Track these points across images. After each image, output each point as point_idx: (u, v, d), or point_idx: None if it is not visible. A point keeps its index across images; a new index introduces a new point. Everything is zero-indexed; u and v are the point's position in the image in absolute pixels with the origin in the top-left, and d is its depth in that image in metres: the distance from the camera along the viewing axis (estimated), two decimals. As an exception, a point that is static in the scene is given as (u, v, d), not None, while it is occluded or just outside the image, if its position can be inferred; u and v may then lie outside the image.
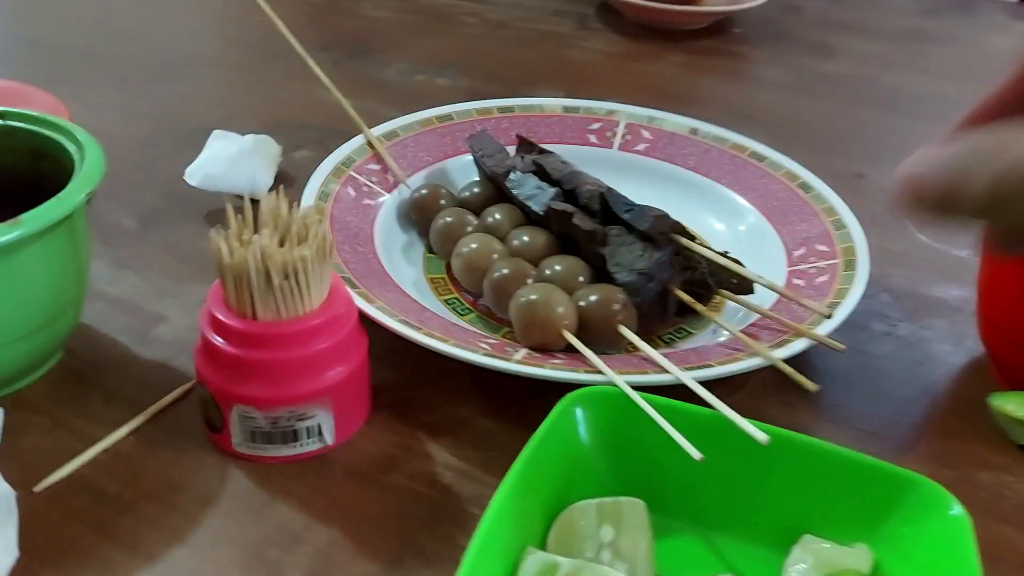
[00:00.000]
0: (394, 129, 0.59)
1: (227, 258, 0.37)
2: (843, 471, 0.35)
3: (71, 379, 0.44)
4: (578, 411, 0.37)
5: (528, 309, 0.44)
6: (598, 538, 0.35)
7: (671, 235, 0.46)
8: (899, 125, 0.74)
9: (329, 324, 0.39)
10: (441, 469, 0.40)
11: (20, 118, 0.45)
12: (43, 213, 0.38)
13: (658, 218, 0.46)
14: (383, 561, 0.36)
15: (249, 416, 0.39)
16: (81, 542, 0.36)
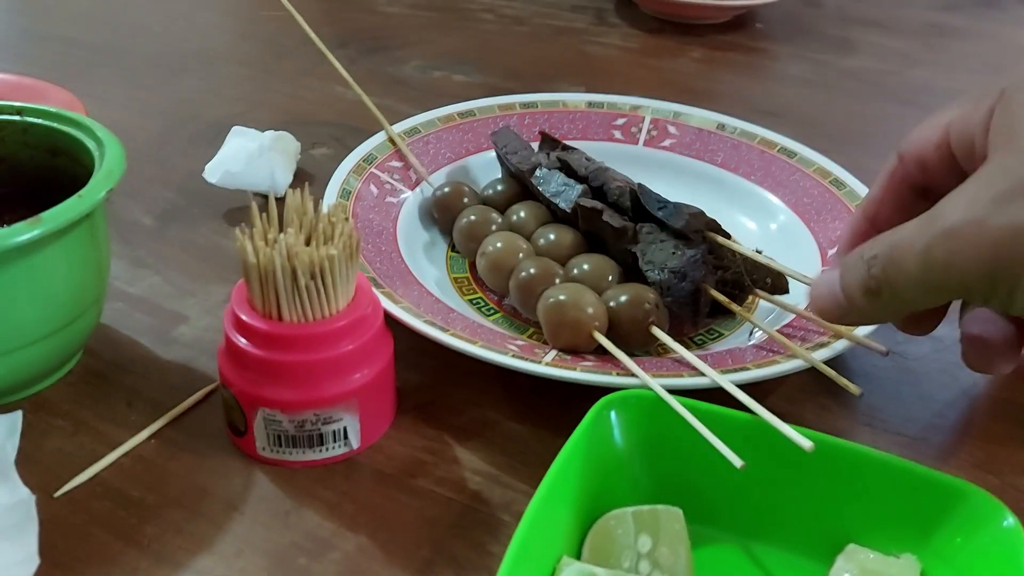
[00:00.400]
0: (415, 126, 0.58)
1: (252, 258, 0.36)
2: (890, 479, 0.34)
3: (92, 381, 0.43)
4: (613, 415, 0.36)
5: (557, 310, 0.43)
6: (635, 548, 0.34)
7: (706, 233, 0.45)
8: (924, 120, 0.72)
9: (356, 325, 0.38)
10: (470, 474, 0.39)
11: (38, 114, 0.44)
12: (64, 211, 0.37)
13: (694, 216, 0.45)
14: (414, 568, 0.35)
15: (274, 419, 0.38)
16: (105, 549, 0.35)
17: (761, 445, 0.35)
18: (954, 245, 0.30)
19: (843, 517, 0.35)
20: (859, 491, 0.34)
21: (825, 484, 0.35)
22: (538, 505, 0.32)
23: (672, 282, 0.43)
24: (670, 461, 0.36)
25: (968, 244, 0.29)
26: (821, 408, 0.43)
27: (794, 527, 0.35)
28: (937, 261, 0.30)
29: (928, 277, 0.31)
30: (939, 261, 0.30)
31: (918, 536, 0.34)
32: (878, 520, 0.34)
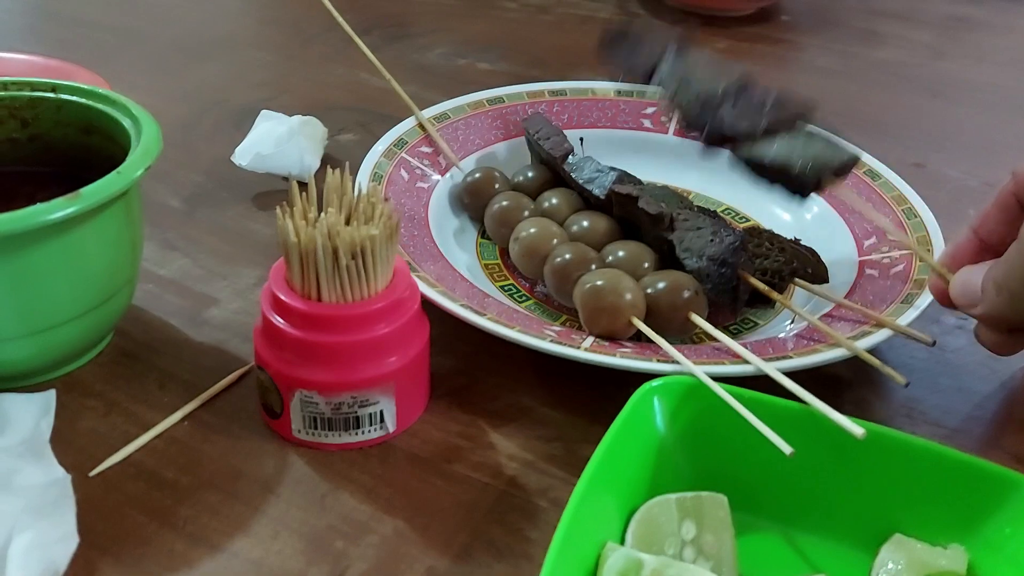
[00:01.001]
0: (444, 112, 0.57)
1: (293, 237, 0.36)
2: (937, 468, 0.34)
3: (124, 361, 0.43)
4: (655, 401, 0.36)
5: (595, 295, 0.42)
6: (679, 534, 0.33)
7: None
8: (954, 114, 0.72)
9: (394, 307, 0.38)
10: (505, 460, 0.39)
11: (72, 91, 0.44)
12: (102, 188, 0.37)
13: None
14: (452, 554, 0.35)
15: (311, 401, 0.37)
16: (141, 530, 0.35)
17: (806, 433, 0.34)
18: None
19: (889, 507, 0.34)
20: (906, 480, 0.34)
21: (871, 473, 0.34)
22: (583, 491, 0.32)
23: (711, 269, 0.43)
24: (712, 448, 0.36)
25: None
26: (859, 399, 0.43)
27: (839, 516, 0.35)
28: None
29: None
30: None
31: (966, 526, 0.33)
32: (925, 510, 0.34)
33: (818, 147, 0.44)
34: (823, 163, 0.43)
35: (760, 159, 0.44)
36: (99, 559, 0.34)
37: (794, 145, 0.44)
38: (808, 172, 0.43)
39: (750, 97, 0.46)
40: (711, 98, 0.46)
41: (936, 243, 0.46)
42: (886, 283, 0.45)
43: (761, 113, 0.45)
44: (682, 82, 0.47)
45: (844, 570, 0.34)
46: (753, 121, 0.45)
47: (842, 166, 0.43)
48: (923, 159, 0.64)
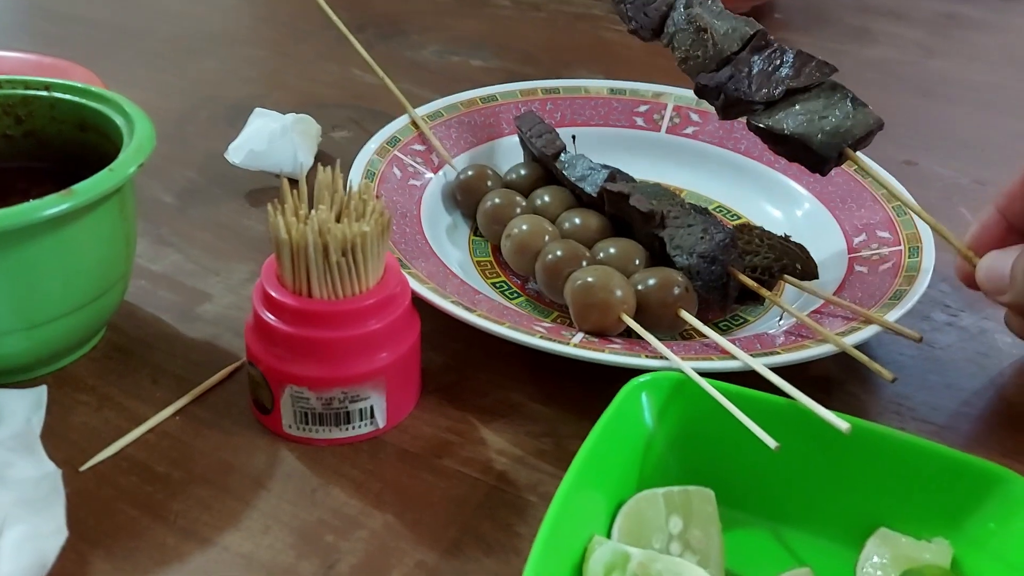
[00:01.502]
0: (438, 110, 0.57)
1: (284, 234, 0.36)
2: (923, 464, 0.34)
3: (117, 356, 0.43)
4: (643, 397, 0.36)
5: (585, 292, 0.42)
6: (667, 529, 0.34)
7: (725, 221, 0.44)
8: (945, 112, 0.72)
9: (385, 303, 0.38)
10: (495, 455, 0.39)
11: (66, 89, 0.44)
12: (95, 184, 0.37)
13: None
14: (442, 548, 0.35)
15: (302, 397, 0.38)
16: (133, 524, 0.35)
17: (792, 429, 0.35)
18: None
19: (875, 501, 0.35)
20: (891, 476, 0.34)
21: (857, 468, 0.35)
22: (569, 485, 0.32)
23: (701, 267, 0.43)
24: (700, 444, 0.36)
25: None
26: (848, 396, 0.43)
27: (825, 511, 0.35)
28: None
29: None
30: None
31: (951, 521, 0.34)
32: (910, 505, 0.34)
33: (837, 114, 0.42)
34: (843, 133, 0.41)
35: (779, 131, 0.43)
36: (90, 552, 0.34)
37: (812, 113, 0.42)
38: (827, 146, 0.41)
39: (766, 57, 0.45)
40: (725, 59, 0.44)
41: (925, 240, 0.47)
42: (875, 280, 0.45)
43: (778, 76, 0.44)
44: (694, 40, 0.45)
45: (830, 564, 0.34)
46: (770, 87, 0.43)
47: (866, 134, 0.42)
48: (914, 157, 0.64)
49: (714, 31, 0.46)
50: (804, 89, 0.44)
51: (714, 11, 0.47)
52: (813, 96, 0.44)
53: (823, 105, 0.43)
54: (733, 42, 0.45)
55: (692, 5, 0.47)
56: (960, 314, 0.49)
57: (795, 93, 0.44)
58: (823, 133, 0.42)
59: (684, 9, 0.47)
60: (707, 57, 0.45)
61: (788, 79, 0.44)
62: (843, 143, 0.42)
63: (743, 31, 0.46)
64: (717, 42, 0.45)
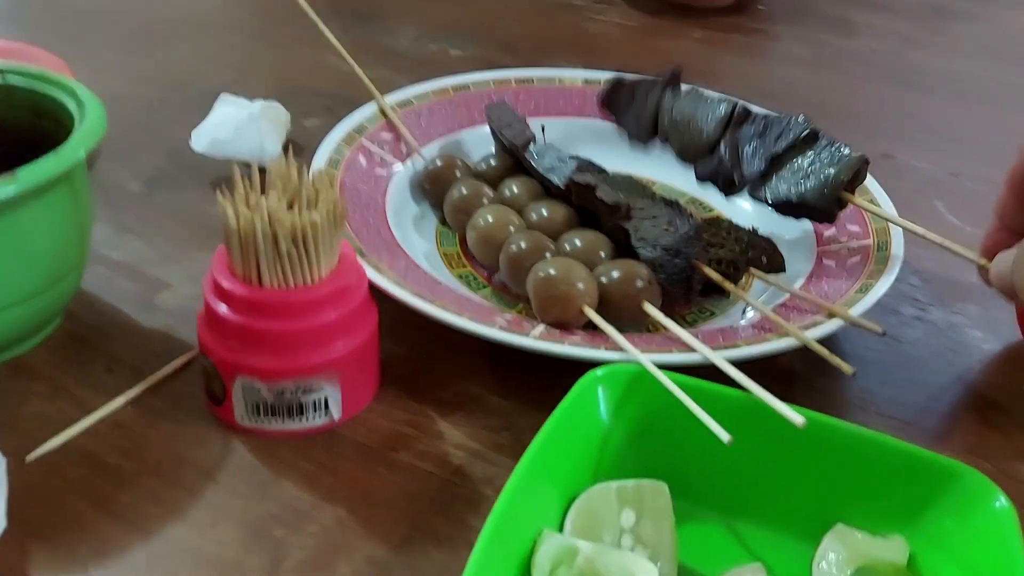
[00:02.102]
0: (408, 98, 0.56)
1: (233, 221, 0.35)
2: (879, 458, 0.33)
3: (72, 345, 0.43)
4: (599, 390, 0.36)
5: (547, 284, 0.42)
6: (618, 522, 0.33)
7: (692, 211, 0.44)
8: (924, 104, 0.72)
9: (338, 294, 0.37)
10: (452, 448, 0.39)
11: (21, 75, 0.43)
12: (40, 169, 0.36)
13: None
14: (393, 543, 0.34)
15: (253, 388, 0.37)
16: (79, 516, 0.35)
17: (749, 422, 0.34)
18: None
19: (831, 497, 0.34)
20: (848, 470, 0.34)
21: (813, 463, 0.34)
22: (519, 478, 0.32)
23: (664, 259, 0.42)
24: (656, 437, 0.36)
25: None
26: (812, 390, 0.43)
27: (781, 506, 0.34)
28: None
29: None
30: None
31: (908, 517, 0.33)
32: (867, 500, 0.34)
33: (823, 164, 0.45)
34: (835, 183, 0.44)
35: (781, 200, 0.45)
36: (31, 544, 0.33)
37: (801, 171, 0.45)
38: (826, 200, 0.44)
39: (749, 130, 0.47)
40: (714, 142, 0.47)
41: (895, 234, 0.46)
42: (843, 273, 0.45)
43: (764, 144, 0.46)
44: (684, 132, 0.48)
45: (785, 560, 0.34)
46: (756, 160, 0.46)
47: (855, 175, 0.44)
48: (891, 150, 0.64)
49: (697, 121, 0.48)
50: (788, 149, 0.46)
51: (694, 100, 0.50)
52: (797, 152, 0.46)
53: (809, 160, 0.45)
54: (717, 125, 0.48)
55: (676, 99, 0.50)
56: (929, 308, 0.48)
57: (780, 156, 0.46)
58: (817, 188, 0.44)
59: (668, 109, 0.50)
60: (699, 145, 0.48)
61: (771, 145, 0.46)
62: (837, 191, 0.44)
63: (723, 112, 0.48)
64: (703, 129, 0.48)
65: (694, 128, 0.48)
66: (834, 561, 0.33)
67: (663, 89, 0.51)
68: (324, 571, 0.33)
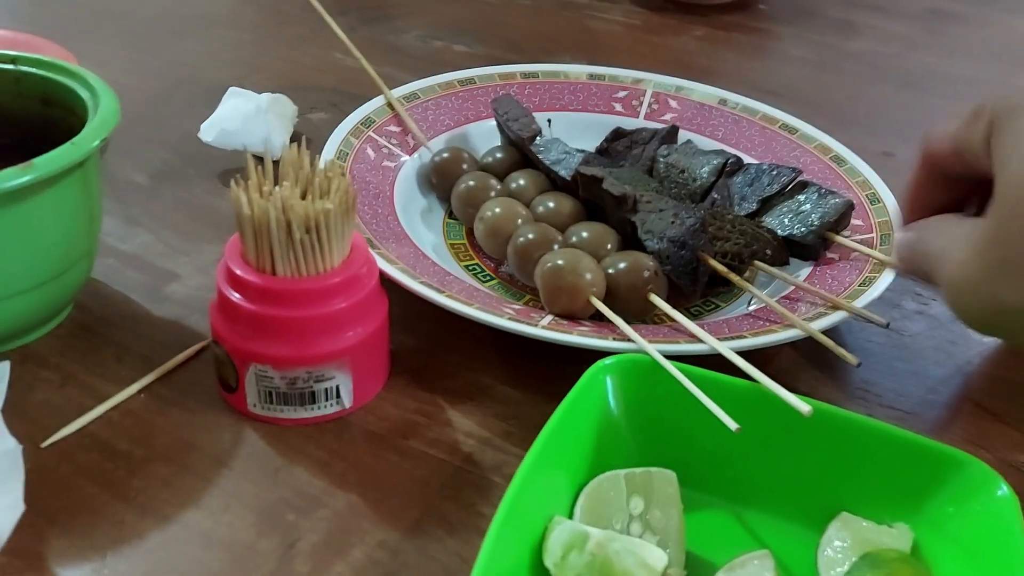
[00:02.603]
0: (415, 91, 0.57)
1: (247, 209, 0.36)
2: (884, 448, 0.34)
3: (82, 334, 0.43)
4: (608, 379, 0.36)
5: (555, 275, 0.42)
6: (627, 510, 0.34)
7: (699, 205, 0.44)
8: (925, 105, 0.72)
9: (350, 282, 0.38)
10: (462, 436, 0.39)
11: (32, 63, 0.43)
12: (56, 158, 0.36)
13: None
14: (404, 528, 0.35)
15: (266, 376, 0.37)
16: (92, 501, 0.35)
17: (755, 412, 0.35)
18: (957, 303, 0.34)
19: (836, 485, 0.35)
20: (853, 460, 0.34)
21: (819, 452, 0.35)
22: (530, 465, 0.32)
23: (671, 251, 0.43)
24: (664, 427, 0.36)
25: (966, 303, 0.34)
26: (815, 381, 0.43)
27: (787, 495, 0.35)
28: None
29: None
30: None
31: (911, 505, 0.34)
32: (871, 489, 0.34)
33: (811, 207, 0.47)
34: (822, 224, 0.46)
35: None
36: (47, 528, 0.34)
37: (789, 213, 0.47)
38: (813, 238, 0.46)
39: (740, 178, 0.50)
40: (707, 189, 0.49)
41: (897, 228, 0.47)
42: (846, 266, 0.45)
43: (755, 189, 0.49)
44: (679, 181, 0.50)
45: (791, 547, 0.34)
46: (751, 203, 0.49)
47: (840, 217, 0.47)
48: (892, 148, 0.64)
49: (691, 169, 0.50)
50: (778, 194, 0.49)
51: (687, 153, 0.52)
52: (787, 197, 0.49)
53: (798, 204, 0.48)
54: (711, 173, 0.50)
55: (671, 150, 0.52)
56: (931, 302, 0.49)
57: (771, 199, 0.49)
58: (805, 228, 0.46)
59: (663, 160, 0.52)
60: (692, 190, 0.50)
61: (763, 190, 0.49)
62: (823, 231, 0.46)
63: (716, 163, 0.50)
64: (696, 177, 0.50)
65: (688, 175, 0.51)
66: (840, 548, 0.33)
67: (660, 140, 0.53)
68: (337, 554, 0.34)
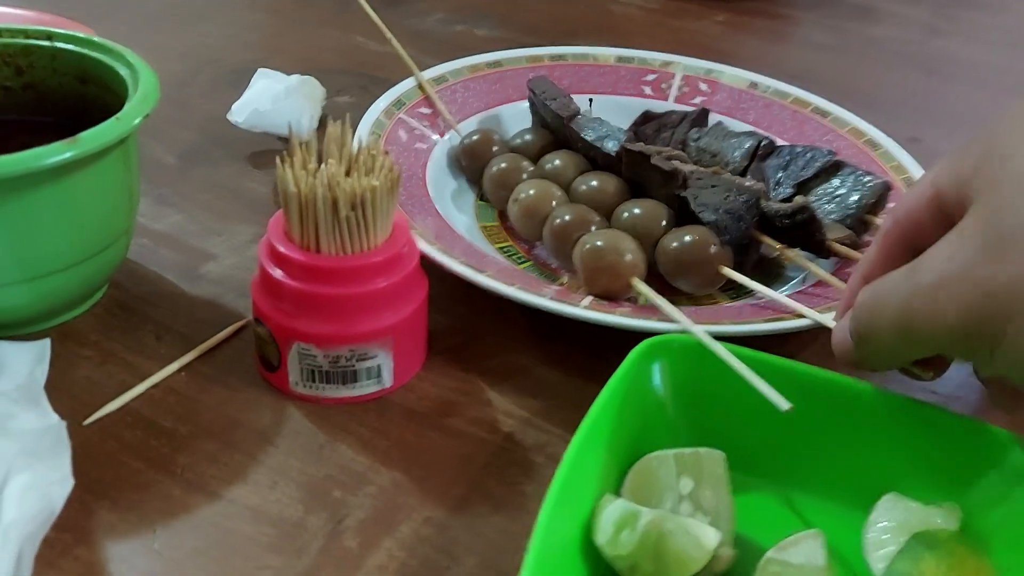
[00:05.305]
0: (443, 74, 0.57)
1: (293, 187, 0.35)
2: (932, 428, 0.34)
3: (120, 313, 0.43)
4: (654, 359, 0.36)
5: (595, 255, 0.42)
6: (677, 489, 0.33)
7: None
8: (948, 91, 0.72)
9: (393, 261, 0.37)
10: (502, 416, 0.39)
11: (68, 39, 0.43)
12: (101, 133, 0.36)
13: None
14: (450, 505, 0.35)
15: (309, 354, 0.37)
16: (138, 477, 0.35)
17: (802, 393, 0.34)
18: (931, 299, 0.30)
19: (884, 466, 0.34)
20: (901, 440, 0.34)
21: (866, 432, 0.35)
22: (580, 444, 0.32)
23: (728, 222, 0.43)
24: (709, 408, 0.36)
25: (947, 298, 0.29)
26: (853, 364, 0.43)
27: (834, 475, 0.35)
28: (916, 313, 0.30)
29: (906, 329, 0.31)
30: (918, 313, 0.30)
31: (959, 486, 0.33)
32: (919, 469, 0.34)
33: (851, 190, 0.47)
34: (861, 205, 0.46)
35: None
36: (95, 503, 0.34)
37: (828, 196, 0.47)
38: (851, 221, 0.45)
39: (775, 160, 0.50)
40: (742, 172, 0.49)
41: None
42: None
43: (792, 176, 0.48)
44: (711, 163, 0.50)
45: (838, 528, 0.34)
46: (787, 187, 0.48)
47: (879, 199, 0.46)
48: (918, 134, 0.64)
49: (723, 153, 0.50)
50: (815, 176, 0.48)
51: (720, 134, 0.52)
52: (823, 180, 0.48)
53: (834, 187, 0.47)
54: (743, 156, 0.50)
55: (702, 133, 0.52)
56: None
57: (807, 182, 0.48)
58: (842, 211, 0.46)
59: (693, 143, 0.52)
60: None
61: (798, 173, 0.48)
62: (862, 213, 0.46)
63: (748, 146, 0.50)
64: (729, 161, 0.50)
65: (720, 159, 0.50)
66: (887, 528, 0.33)
67: (691, 123, 0.53)
68: (385, 530, 0.34)
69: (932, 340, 0.31)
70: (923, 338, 0.31)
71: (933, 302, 0.30)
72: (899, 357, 0.34)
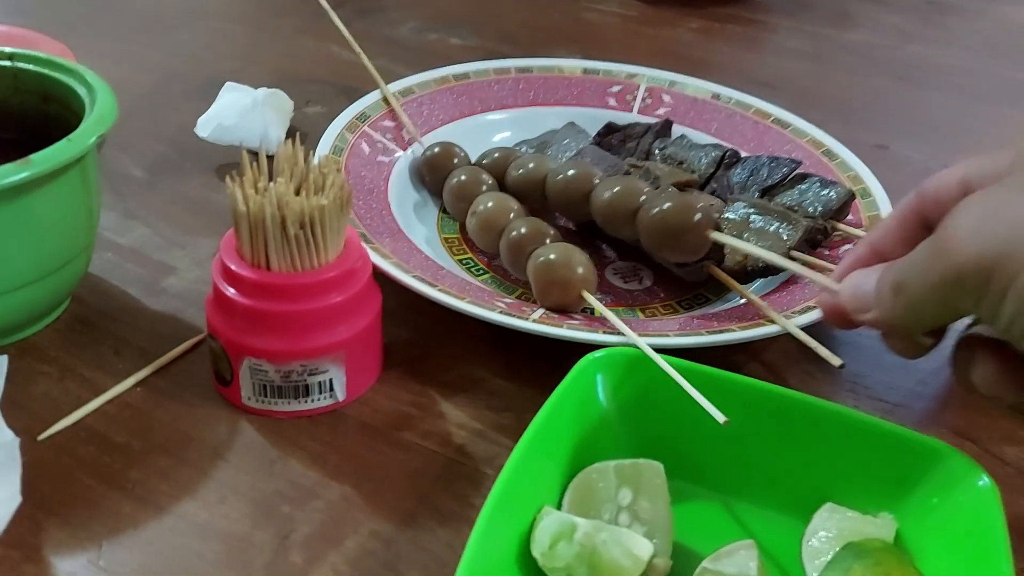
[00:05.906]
0: (410, 86, 0.57)
1: (242, 206, 0.36)
2: (869, 439, 0.34)
3: (80, 328, 0.43)
4: (597, 372, 0.36)
5: (547, 269, 0.43)
6: (616, 500, 0.34)
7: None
8: (920, 98, 0.73)
9: (344, 277, 0.38)
10: (455, 428, 0.40)
11: (29, 60, 0.44)
12: (53, 154, 0.37)
13: None
14: (397, 519, 0.35)
15: (260, 369, 0.38)
16: (89, 492, 0.36)
17: (742, 404, 0.35)
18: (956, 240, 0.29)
19: (822, 476, 0.35)
20: (838, 451, 0.35)
21: (804, 443, 0.35)
22: (519, 456, 0.33)
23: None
24: (652, 418, 0.37)
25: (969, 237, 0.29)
26: (804, 374, 0.43)
27: (773, 485, 0.35)
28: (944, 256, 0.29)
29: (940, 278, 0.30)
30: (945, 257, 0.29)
31: (895, 496, 0.34)
32: (856, 480, 0.35)
33: (812, 197, 0.48)
34: (825, 212, 0.47)
35: None
36: (45, 520, 0.34)
37: (793, 203, 0.48)
38: (816, 228, 0.46)
39: (740, 170, 0.51)
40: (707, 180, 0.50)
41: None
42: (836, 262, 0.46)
43: (755, 180, 0.50)
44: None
45: (777, 537, 0.35)
46: (748, 191, 0.49)
47: (841, 205, 0.48)
48: (887, 141, 0.64)
49: (689, 162, 0.52)
50: (779, 184, 0.50)
51: (683, 146, 0.53)
52: (787, 188, 0.49)
53: (799, 192, 0.49)
54: (709, 165, 0.51)
55: (665, 147, 0.53)
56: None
57: (771, 189, 0.50)
58: (807, 222, 0.46)
59: (659, 152, 0.53)
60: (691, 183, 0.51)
61: (763, 181, 0.50)
62: (825, 220, 0.47)
63: (714, 155, 0.51)
64: (694, 170, 0.51)
65: (687, 167, 0.51)
66: (824, 538, 0.34)
67: (655, 135, 0.54)
68: (331, 545, 0.34)
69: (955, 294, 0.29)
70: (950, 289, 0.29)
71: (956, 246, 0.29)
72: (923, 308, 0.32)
